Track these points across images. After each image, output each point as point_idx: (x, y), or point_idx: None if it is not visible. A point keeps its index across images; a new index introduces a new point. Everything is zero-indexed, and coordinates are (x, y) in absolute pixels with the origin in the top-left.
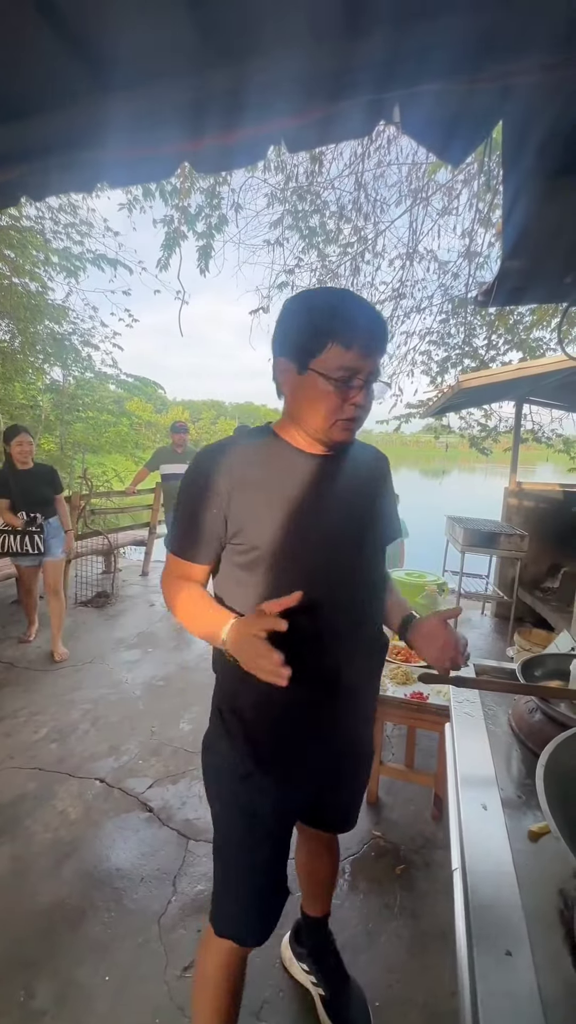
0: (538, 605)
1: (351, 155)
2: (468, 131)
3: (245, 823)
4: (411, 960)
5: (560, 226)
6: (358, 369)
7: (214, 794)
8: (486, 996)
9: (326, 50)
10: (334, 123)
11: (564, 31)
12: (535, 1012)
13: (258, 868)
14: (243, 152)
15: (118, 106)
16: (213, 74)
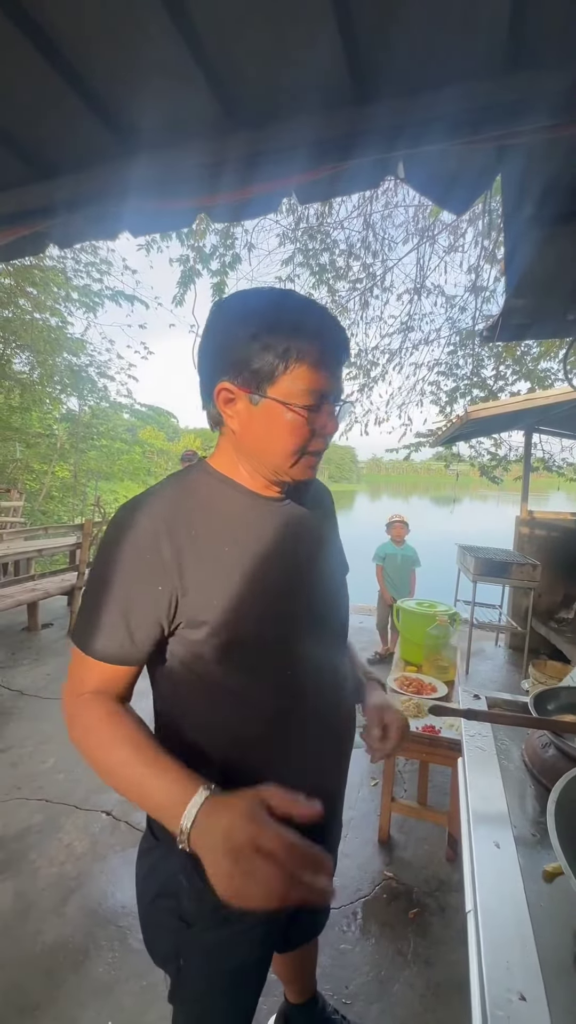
0: (553, 636)
1: (360, 198)
2: (468, 185)
3: (229, 977)
4: (425, 1013)
5: (560, 269)
6: (328, 391)
7: (172, 948)
8: None
9: (336, 116)
10: (342, 179)
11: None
12: None
13: (242, 1016)
14: (257, 205)
15: (142, 167)
16: (230, 139)
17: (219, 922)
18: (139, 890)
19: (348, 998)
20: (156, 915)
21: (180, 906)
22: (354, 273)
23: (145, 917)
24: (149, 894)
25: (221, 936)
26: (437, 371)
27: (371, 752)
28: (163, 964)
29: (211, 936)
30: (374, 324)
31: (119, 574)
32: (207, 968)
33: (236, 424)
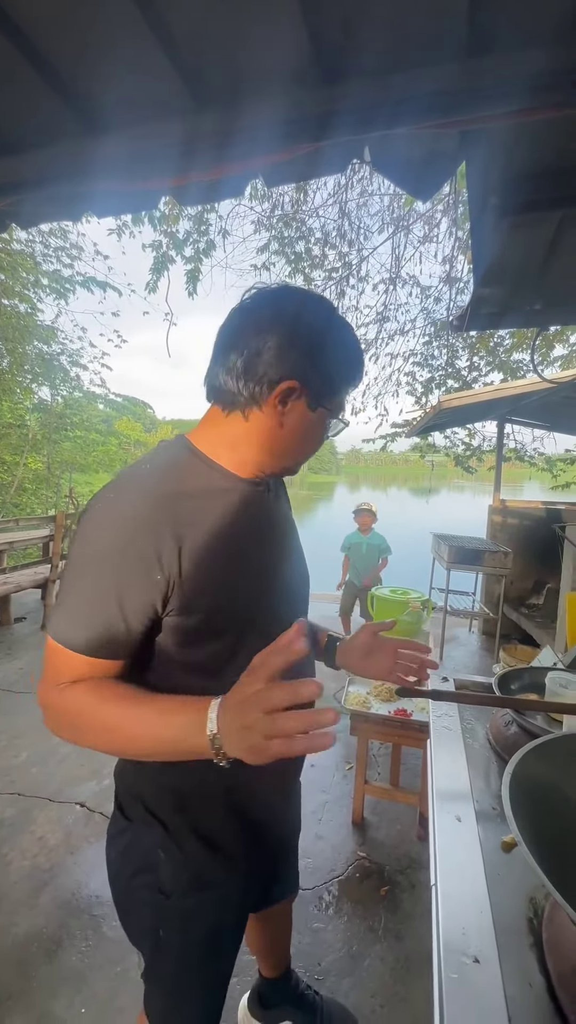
0: (523, 622)
1: (335, 185)
2: (433, 170)
3: (207, 943)
4: (395, 984)
5: (525, 258)
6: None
7: (150, 922)
8: (452, 1004)
9: (301, 98)
10: (308, 162)
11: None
12: (500, 1017)
13: (217, 989)
14: (223, 188)
15: (104, 146)
16: (194, 119)
17: (198, 887)
18: (112, 872)
19: (320, 974)
20: (133, 893)
21: (159, 879)
22: (330, 262)
23: (121, 896)
24: (125, 874)
25: (200, 901)
26: (413, 361)
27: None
28: (139, 941)
29: (190, 902)
30: (350, 314)
31: (110, 562)
32: (187, 936)
33: (276, 420)
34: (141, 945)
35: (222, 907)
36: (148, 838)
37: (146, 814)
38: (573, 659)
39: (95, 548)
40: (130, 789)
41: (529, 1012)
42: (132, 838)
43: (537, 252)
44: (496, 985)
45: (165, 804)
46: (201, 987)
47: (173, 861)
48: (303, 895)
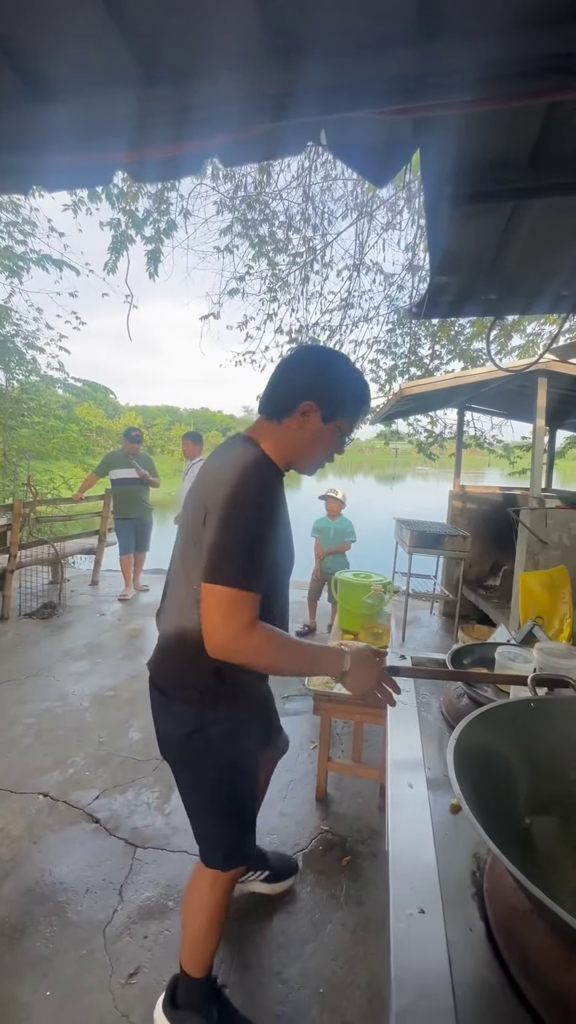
0: (481, 602)
1: (298, 168)
2: (388, 156)
3: (249, 768)
4: (355, 946)
5: (479, 248)
6: (353, 432)
7: (208, 762)
8: (399, 950)
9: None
10: (266, 142)
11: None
12: (441, 959)
13: (252, 800)
14: (180, 165)
15: (53, 114)
16: (147, 92)
17: (240, 734)
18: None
19: (286, 941)
20: (196, 749)
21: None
22: (294, 247)
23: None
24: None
25: (242, 743)
26: (377, 349)
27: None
28: (202, 780)
29: (239, 743)
30: (315, 300)
31: (267, 529)
32: (235, 764)
33: (301, 428)
34: (190, 780)
35: (256, 743)
36: (211, 708)
37: (213, 697)
38: (525, 635)
39: (260, 512)
40: (187, 683)
41: (469, 953)
42: (199, 711)
43: (490, 243)
44: (439, 932)
45: (228, 690)
46: (243, 808)
47: (229, 716)
48: None
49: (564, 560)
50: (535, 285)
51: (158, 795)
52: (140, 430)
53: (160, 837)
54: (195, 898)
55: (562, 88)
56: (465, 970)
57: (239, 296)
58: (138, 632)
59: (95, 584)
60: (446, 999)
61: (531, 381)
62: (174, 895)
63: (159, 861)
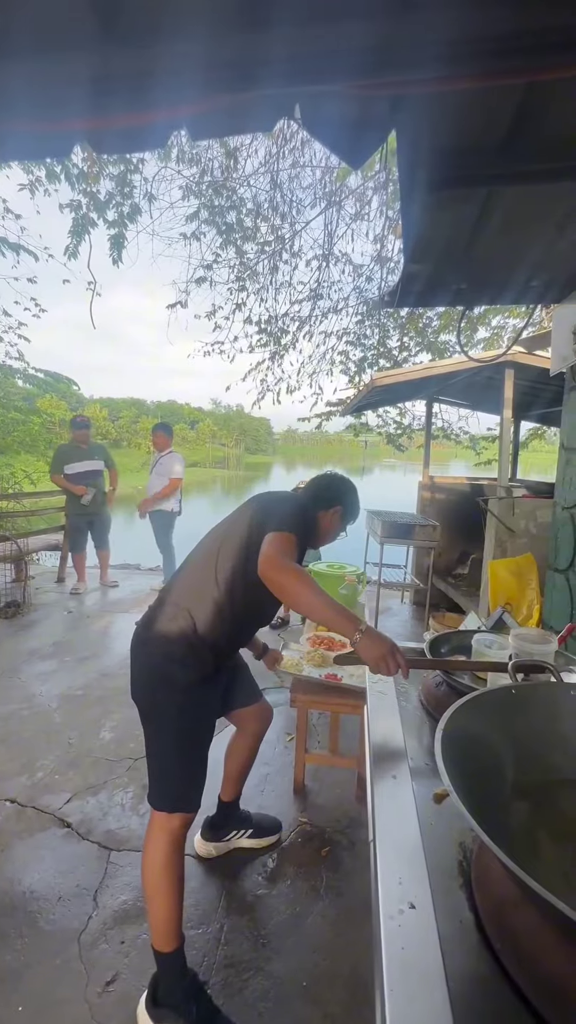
0: (451, 591)
1: (266, 154)
2: (363, 135)
3: (205, 717)
4: (336, 937)
5: (452, 235)
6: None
7: (175, 711)
8: (391, 947)
9: (226, 42)
10: (236, 115)
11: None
12: (434, 955)
13: (205, 749)
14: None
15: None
16: (107, 54)
17: (205, 681)
18: (161, 693)
19: (265, 937)
20: (163, 698)
21: (182, 681)
22: (262, 235)
23: (160, 703)
24: (169, 685)
25: (206, 689)
26: (346, 340)
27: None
28: (163, 727)
29: (201, 690)
30: (284, 290)
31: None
32: (191, 714)
33: (326, 518)
34: (161, 727)
35: (212, 692)
36: (187, 659)
37: (189, 647)
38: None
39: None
40: (194, 639)
41: (460, 946)
42: (178, 665)
43: (463, 229)
44: (431, 926)
45: (207, 642)
46: (193, 755)
47: (198, 667)
48: (251, 863)
49: (531, 547)
50: (505, 274)
51: (133, 795)
52: (87, 417)
53: (136, 839)
54: (149, 852)
55: (540, 68)
56: (457, 963)
57: (207, 285)
58: (107, 629)
59: (61, 581)
60: (441, 996)
61: (498, 373)
62: None
63: (135, 863)
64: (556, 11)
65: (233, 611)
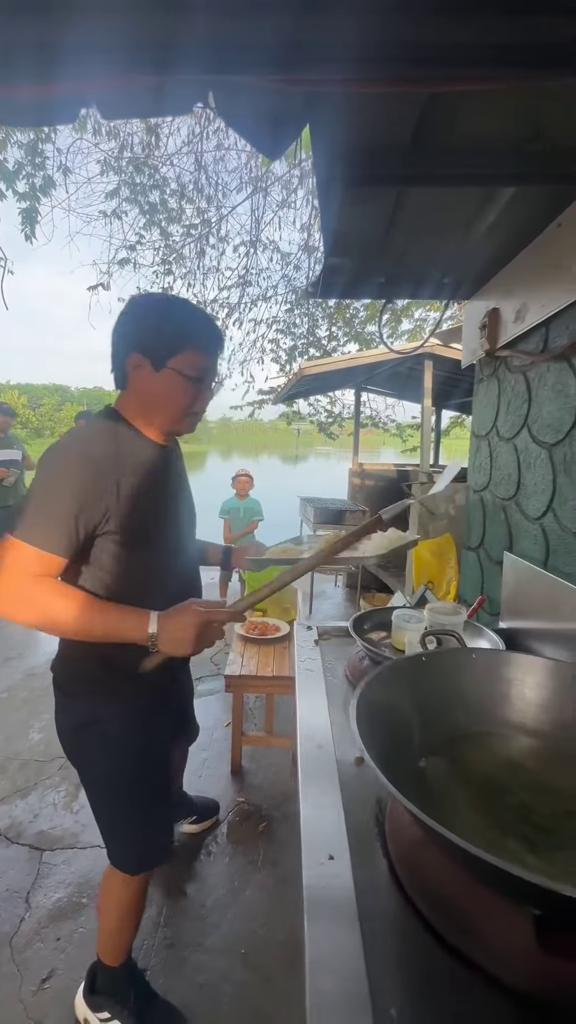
0: (380, 573)
1: (188, 133)
2: (278, 128)
3: (153, 763)
4: (274, 905)
5: (367, 232)
6: (209, 371)
7: (105, 757)
8: (311, 895)
9: (141, 21)
10: (147, 97)
11: (358, 54)
12: (349, 898)
13: (160, 798)
14: (52, 110)
15: None
16: (13, 21)
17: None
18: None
19: (206, 912)
20: (87, 741)
21: (104, 728)
22: (188, 218)
23: (83, 745)
24: (90, 729)
25: (136, 736)
26: (276, 328)
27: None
28: (95, 777)
29: (133, 736)
30: (211, 275)
31: (75, 489)
32: (130, 763)
33: (140, 384)
34: (90, 776)
35: (155, 735)
36: (97, 697)
37: (94, 684)
38: (418, 599)
39: (66, 477)
40: (95, 672)
41: (374, 887)
42: (86, 704)
43: (378, 227)
44: (347, 873)
45: (114, 675)
46: (154, 795)
47: (119, 704)
48: (189, 845)
49: (450, 529)
50: (421, 271)
51: (65, 794)
52: (10, 405)
53: (69, 836)
54: (108, 899)
55: (441, 80)
56: (370, 902)
57: (130, 267)
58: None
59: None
60: (353, 930)
61: (419, 364)
62: (88, 891)
63: (70, 861)
64: (456, 29)
65: None
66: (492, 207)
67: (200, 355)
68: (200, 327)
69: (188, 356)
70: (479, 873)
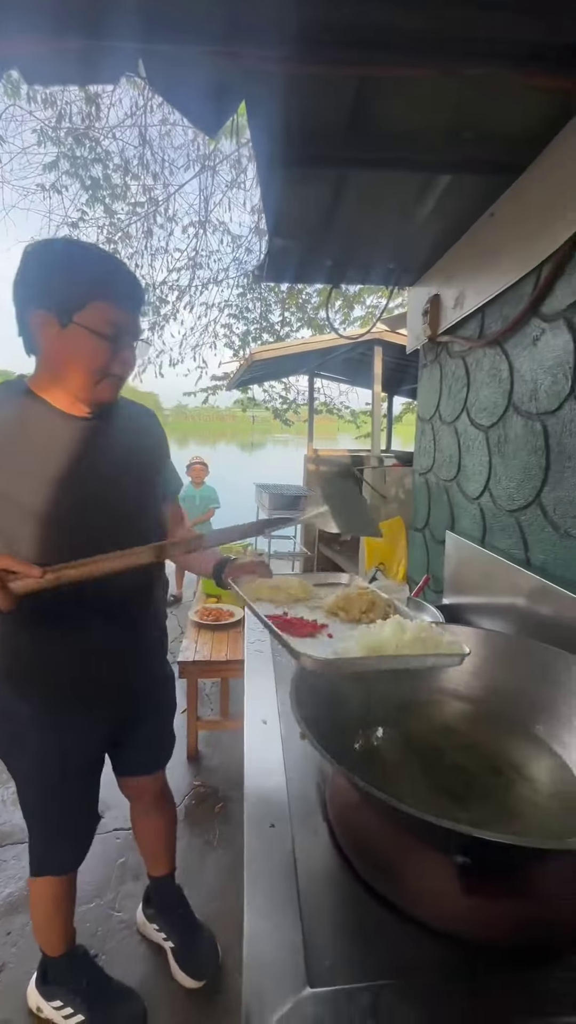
0: (336, 557)
1: (131, 105)
2: (214, 103)
3: (51, 766)
4: (230, 881)
5: (309, 213)
6: (125, 326)
7: (18, 754)
8: (251, 861)
9: None
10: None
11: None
12: (288, 861)
13: (66, 806)
14: None
15: None
16: None
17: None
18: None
19: None
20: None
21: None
22: (133, 195)
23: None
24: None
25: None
26: (228, 313)
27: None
28: (15, 771)
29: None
30: (160, 256)
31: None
32: (37, 764)
33: (46, 345)
34: (16, 776)
35: (65, 738)
36: (8, 691)
37: (6, 678)
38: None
39: None
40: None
41: (313, 850)
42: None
43: (319, 209)
44: (287, 838)
45: (19, 667)
46: (48, 809)
47: (29, 702)
48: None
49: (400, 511)
50: (366, 256)
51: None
52: None
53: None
54: (31, 893)
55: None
56: (309, 863)
57: None
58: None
59: None
60: (291, 891)
61: (370, 350)
62: None
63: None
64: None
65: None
66: (430, 194)
67: (112, 308)
68: (110, 275)
69: (97, 309)
70: (413, 829)
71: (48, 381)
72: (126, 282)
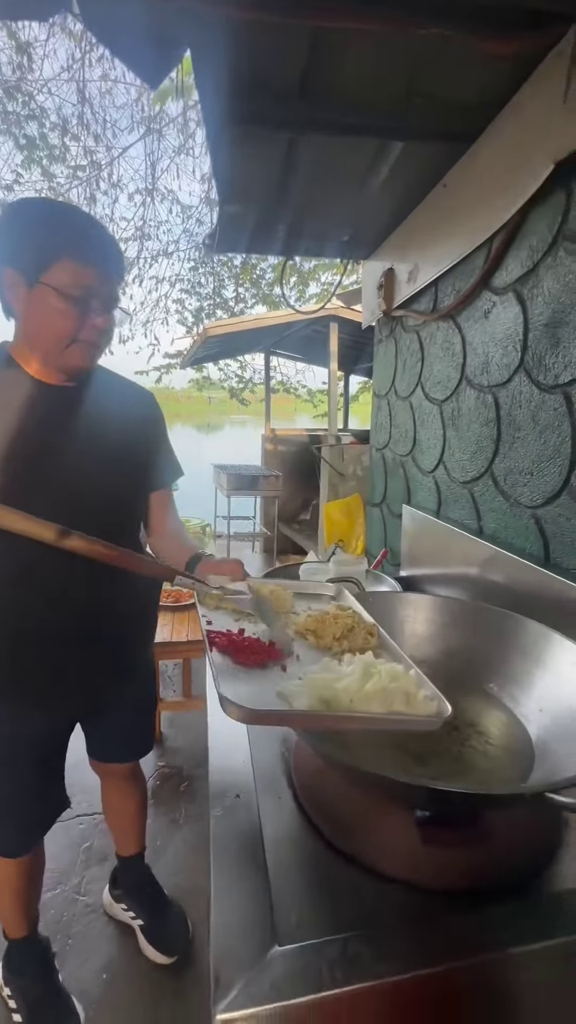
0: (296, 536)
1: (68, 58)
2: (156, 50)
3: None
4: (196, 857)
5: (262, 176)
6: (97, 289)
7: None
8: (217, 830)
9: None
10: None
11: None
12: (254, 828)
13: (9, 793)
14: None
15: None
16: None
17: None
18: None
19: None
20: None
21: None
22: (73, 157)
23: None
24: None
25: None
26: (180, 288)
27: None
28: None
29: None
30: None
31: None
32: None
33: (18, 307)
34: None
35: (7, 732)
36: None
37: None
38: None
39: None
40: None
41: (278, 815)
42: None
43: (271, 173)
44: (252, 808)
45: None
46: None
47: None
48: None
49: (358, 488)
50: (320, 227)
51: None
52: None
53: None
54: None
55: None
56: (275, 827)
57: None
58: None
59: None
60: (257, 854)
61: (325, 327)
62: None
63: None
64: None
65: None
66: (383, 162)
67: (80, 267)
68: (78, 231)
69: (64, 267)
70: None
71: (23, 346)
72: (98, 242)
